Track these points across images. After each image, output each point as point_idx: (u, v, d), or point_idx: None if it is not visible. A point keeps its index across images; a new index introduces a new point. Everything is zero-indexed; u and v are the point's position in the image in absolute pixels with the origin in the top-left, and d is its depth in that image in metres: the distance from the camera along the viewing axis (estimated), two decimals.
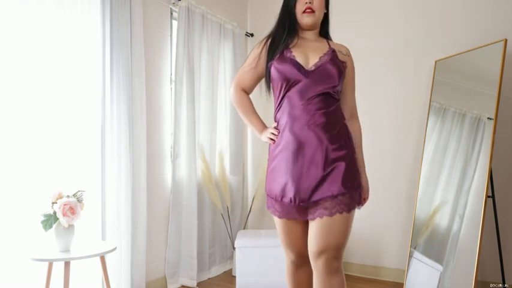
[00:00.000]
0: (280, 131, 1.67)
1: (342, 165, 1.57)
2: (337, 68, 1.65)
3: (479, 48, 2.70)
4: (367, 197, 1.74)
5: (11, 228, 2.06)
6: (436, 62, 3.07)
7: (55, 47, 2.27)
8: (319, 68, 1.63)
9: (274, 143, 1.68)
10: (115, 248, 2.13)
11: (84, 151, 2.41)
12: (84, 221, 2.34)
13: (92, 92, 2.47)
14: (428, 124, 2.99)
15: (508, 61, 2.78)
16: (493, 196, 2.51)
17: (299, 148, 1.59)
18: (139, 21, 2.74)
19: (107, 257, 2.49)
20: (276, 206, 1.67)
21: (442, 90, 2.96)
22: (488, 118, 2.48)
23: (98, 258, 2.20)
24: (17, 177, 2.10)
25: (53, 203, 2.00)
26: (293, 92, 1.64)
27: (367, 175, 1.80)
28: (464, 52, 2.83)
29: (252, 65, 1.77)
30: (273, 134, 1.68)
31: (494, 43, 2.57)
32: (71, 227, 2.02)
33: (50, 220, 1.96)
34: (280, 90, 1.68)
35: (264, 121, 1.82)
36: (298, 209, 1.62)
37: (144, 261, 2.76)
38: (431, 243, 2.69)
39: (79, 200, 2.05)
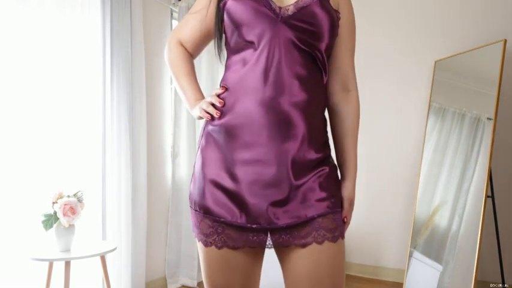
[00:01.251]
0: (224, 111, 1.05)
1: (325, 171, 1.05)
2: (328, 15, 1.04)
3: (478, 48, 2.70)
4: (349, 217, 1.12)
5: (12, 228, 2.07)
6: (435, 62, 3.07)
7: (55, 47, 2.27)
8: (301, 10, 1.02)
9: (210, 118, 1.07)
10: (115, 248, 2.14)
11: (84, 151, 2.41)
12: (85, 221, 2.34)
13: (92, 92, 2.47)
14: (428, 124, 2.99)
15: (508, 61, 2.79)
16: (492, 196, 2.51)
17: (247, 140, 1.01)
18: (139, 21, 2.74)
19: (107, 257, 2.49)
20: (218, 228, 1.04)
21: (442, 90, 2.96)
22: (487, 118, 2.49)
23: (98, 258, 2.20)
24: (18, 177, 2.10)
25: (53, 202, 2.00)
26: (253, 47, 1.02)
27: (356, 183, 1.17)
28: (464, 52, 2.84)
29: (198, 8, 1.16)
30: (211, 105, 1.06)
31: (494, 43, 2.57)
32: (71, 226, 2.02)
33: (50, 220, 1.97)
34: (233, 45, 1.07)
35: None
36: (254, 234, 1.03)
37: (144, 261, 2.76)
38: (431, 243, 2.70)
39: (79, 200, 2.05)
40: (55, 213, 1.98)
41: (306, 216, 1.01)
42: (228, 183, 1.02)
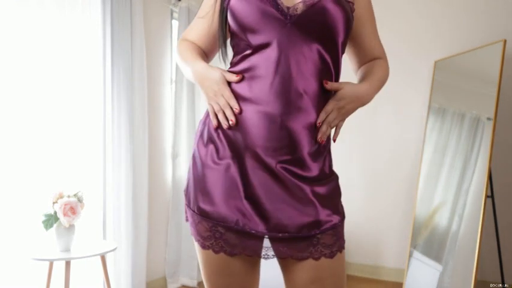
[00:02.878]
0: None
1: (334, 181, 1.02)
2: (342, 9, 0.95)
3: (478, 48, 2.71)
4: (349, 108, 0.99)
5: (12, 228, 2.07)
6: (435, 62, 3.08)
7: (55, 47, 2.27)
8: (311, 7, 0.93)
9: (216, 125, 1.01)
10: (115, 248, 2.14)
11: (85, 151, 2.41)
12: (85, 221, 2.34)
13: (93, 92, 2.47)
14: (428, 124, 3.00)
15: (507, 61, 2.79)
16: (492, 196, 2.51)
17: (252, 153, 0.95)
18: (139, 21, 2.74)
19: (107, 257, 2.49)
20: (226, 235, 0.97)
21: (442, 90, 2.96)
22: (487, 118, 2.49)
23: (98, 258, 2.20)
24: (18, 177, 2.10)
25: (53, 202, 2.00)
26: (262, 54, 0.94)
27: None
28: (463, 52, 2.84)
29: (204, 10, 1.08)
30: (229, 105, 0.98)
31: (494, 43, 2.57)
32: (71, 226, 2.02)
33: (50, 220, 1.97)
34: (239, 49, 1.00)
35: None
36: (255, 241, 0.98)
37: (144, 261, 2.76)
38: (430, 243, 2.70)
39: (79, 200, 2.05)
40: (55, 213, 1.98)
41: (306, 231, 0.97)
42: None
